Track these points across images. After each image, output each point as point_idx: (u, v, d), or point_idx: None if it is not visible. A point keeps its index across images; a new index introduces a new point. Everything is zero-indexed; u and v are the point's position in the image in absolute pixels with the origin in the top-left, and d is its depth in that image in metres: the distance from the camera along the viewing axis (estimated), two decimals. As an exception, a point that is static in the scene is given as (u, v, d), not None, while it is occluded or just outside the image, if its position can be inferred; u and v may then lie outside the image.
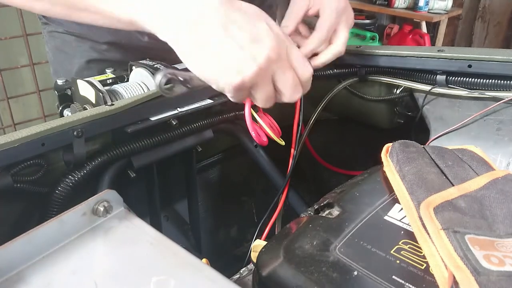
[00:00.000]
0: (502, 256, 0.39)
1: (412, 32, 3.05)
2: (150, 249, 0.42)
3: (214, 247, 0.92)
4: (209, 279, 0.39)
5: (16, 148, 0.50)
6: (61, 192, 0.57)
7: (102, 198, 0.46)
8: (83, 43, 0.88)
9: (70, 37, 0.89)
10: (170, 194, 0.80)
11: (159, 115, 0.64)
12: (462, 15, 3.24)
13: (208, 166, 0.86)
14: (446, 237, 0.41)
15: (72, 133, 0.55)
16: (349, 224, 0.47)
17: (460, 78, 0.71)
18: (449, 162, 0.55)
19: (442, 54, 0.71)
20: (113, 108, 0.58)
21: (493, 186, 0.50)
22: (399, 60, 0.76)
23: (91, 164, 0.59)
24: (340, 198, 0.52)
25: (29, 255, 0.40)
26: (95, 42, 0.87)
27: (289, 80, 0.49)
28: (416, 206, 0.47)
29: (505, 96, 0.67)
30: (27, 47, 1.94)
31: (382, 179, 0.56)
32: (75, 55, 0.89)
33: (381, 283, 0.39)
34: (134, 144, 0.63)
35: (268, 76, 0.48)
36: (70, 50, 0.90)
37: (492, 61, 0.67)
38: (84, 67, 0.88)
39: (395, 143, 0.58)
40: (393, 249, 0.44)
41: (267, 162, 0.80)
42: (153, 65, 0.71)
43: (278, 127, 0.73)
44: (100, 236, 0.44)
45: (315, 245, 0.44)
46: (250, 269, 0.57)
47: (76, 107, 0.68)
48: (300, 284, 0.40)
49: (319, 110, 0.84)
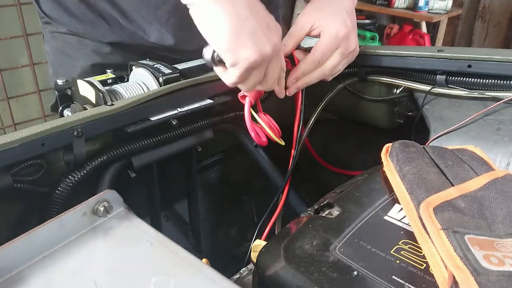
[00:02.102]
0: (501, 256, 0.39)
1: (412, 32, 3.05)
2: (150, 249, 0.43)
3: (214, 247, 0.92)
4: (209, 279, 0.39)
5: (16, 148, 0.50)
6: (61, 192, 0.57)
7: (102, 198, 0.46)
8: (86, 45, 0.88)
9: (72, 38, 0.88)
10: (170, 194, 0.80)
11: (159, 115, 0.64)
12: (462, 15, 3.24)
13: (208, 166, 0.86)
14: (445, 237, 0.41)
15: (72, 133, 0.55)
16: (349, 224, 0.47)
17: (460, 78, 0.71)
18: (449, 162, 0.55)
19: (442, 54, 0.71)
20: (113, 108, 0.58)
21: (493, 186, 0.50)
22: (399, 60, 0.76)
23: (91, 164, 0.59)
24: (340, 198, 0.52)
25: (29, 255, 0.40)
26: (98, 44, 0.87)
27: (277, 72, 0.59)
28: (416, 206, 0.47)
29: (505, 96, 0.67)
30: (27, 47, 1.94)
31: (382, 179, 0.56)
32: (77, 58, 0.89)
33: (381, 283, 0.39)
34: (134, 144, 0.63)
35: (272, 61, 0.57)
36: (72, 53, 0.89)
37: (492, 61, 0.67)
38: (87, 71, 0.88)
39: (395, 143, 0.58)
40: (393, 249, 0.44)
41: (267, 162, 0.80)
42: (153, 65, 0.71)
43: (278, 127, 0.72)
44: (100, 236, 0.44)
45: (315, 245, 0.44)
46: (250, 269, 0.57)
47: (76, 107, 0.68)
48: (300, 284, 0.40)
49: (319, 110, 0.84)
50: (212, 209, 0.89)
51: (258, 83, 0.59)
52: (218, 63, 0.57)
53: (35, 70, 1.99)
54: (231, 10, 0.52)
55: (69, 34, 0.88)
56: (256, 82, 0.58)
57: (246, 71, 0.55)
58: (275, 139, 0.71)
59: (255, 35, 0.53)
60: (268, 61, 0.56)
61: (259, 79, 0.58)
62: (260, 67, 0.56)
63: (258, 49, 0.53)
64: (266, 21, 0.55)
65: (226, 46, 0.53)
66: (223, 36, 0.52)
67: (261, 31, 0.54)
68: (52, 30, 0.90)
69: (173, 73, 0.70)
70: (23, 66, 2.01)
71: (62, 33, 0.89)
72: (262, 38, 0.53)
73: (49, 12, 0.89)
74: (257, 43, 0.53)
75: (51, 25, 0.90)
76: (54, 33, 0.90)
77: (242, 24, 0.52)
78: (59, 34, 0.89)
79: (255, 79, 0.57)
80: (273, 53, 0.55)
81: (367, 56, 0.78)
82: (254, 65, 0.54)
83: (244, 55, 0.53)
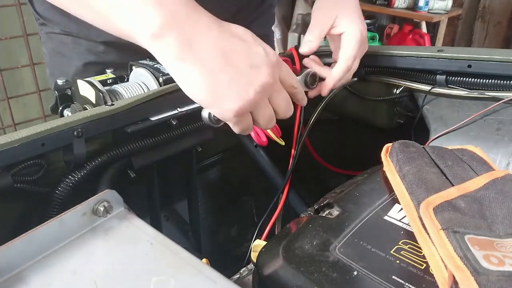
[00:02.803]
0: (501, 256, 0.39)
1: (412, 32, 3.05)
2: (150, 249, 0.42)
3: (214, 247, 0.92)
4: (209, 279, 0.39)
5: (16, 148, 0.50)
6: (61, 192, 0.57)
7: (102, 198, 0.46)
8: (80, 44, 0.87)
9: (67, 38, 0.88)
10: (170, 194, 0.80)
11: (159, 115, 0.64)
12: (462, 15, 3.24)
13: (208, 166, 0.86)
14: (445, 237, 0.41)
15: (72, 133, 0.55)
16: (349, 224, 0.47)
17: (460, 78, 0.71)
18: (449, 162, 0.55)
19: (442, 54, 0.71)
20: (113, 108, 0.58)
21: (493, 186, 0.50)
22: (399, 60, 0.76)
23: (91, 164, 0.59)
24: (340, 198, 0.52)
25: (29, 255, 0.40)
26: (92, 43, 0.86)
27: (284, 101, 0.53)
28: (416, 206, 0.47)
29: (505, 96, 0.67)
30: (27, 47, 1.94)
31: (382, 179, 0.56)
32: (72, 58, 0.89)
33: (381, 283, 0.39)
34: (134, 144, 0.63)
35: (266, 99, 0.51)
36: (67, 53, 0.89)
37: (492, 61, 0.67)
38: (81, 70, 0.88)
39: (395, 143, 0.58)
40: (393, 249, 0.44)
41: (267, 162, 0.80)
42: (153, 65, 0.71)
43: (278, 127, 0.73)
44: (100, 236, 0.44)
45: (315, 245, 0.44)
46: (250, 269, 0.57)
47: (76, 107, 0.68)
48: (300, 284, 0.40)
49: (319, 110, 0.84)
50: (212, 209, 0.89)
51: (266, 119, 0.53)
52: (216, 122, 0.53)
53: (35, 70, 1.99)
54: (200, 66, 0.46)
55: (63, 34, 0.88)
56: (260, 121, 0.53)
57: (238, 120, 0.51)
58: (275, 139, 0.71)
59: (233, 84, 0.47)
60: (262, 97, 0.50)
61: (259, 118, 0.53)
62: (254, 109, 0.51)
63: (239, 96, 0.48)
64: (249, 59, 0.48)
65: (207, 104, 0.49)
66: (201, 95, 0.48)
67: (240, 76, 0.47)
68: (48, 31, 0.91)
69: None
70: (23, 66, 2.01)
71: (57, 33, 0.89)
72: (242, 84, 0.48)
73: (43, 13, 0.89)
74: (238, 91, 0.48)
75: (46, 26, 0.90)
76: (49, 33, 0.90)
77: (216, 78, 0.47)
78: (54, 35, 0.89)
79: (249, 121, 0.52)
80: (262, 91, 0.49)
81: (367, 56, 0.78)
82: (243, 112, 0.49)
83: (227, 107, 0.48)
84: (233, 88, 0.47)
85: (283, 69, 0.52)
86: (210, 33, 0.47)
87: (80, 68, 0.88)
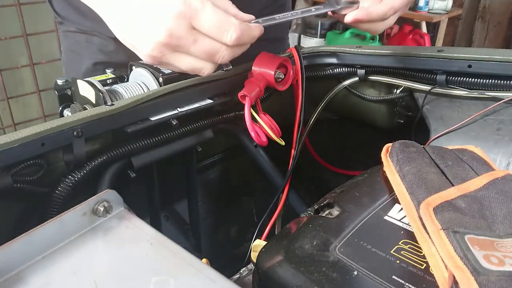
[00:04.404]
0: (502, 256, 0.39)
1: (412, 32, 3.05)
2: (150, 249, 0.42)
3: (214, 247, 0.92)
4: (209, 279, 0.39)
5: (16, 148, 0.50)
6: (61, 192, 0.56)
7: (102, 198, 0.46)
8: (92, 43, 0.88)
9: (81, 36, 0.89)
10: (170, 194, 0.80)
11: (159, 115, 0.64)
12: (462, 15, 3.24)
13: (208, 166, 0.86)
14: (446, 237, 0.41)
15: (72, 133, 0.55)
16: (349, 224, 0.47)
17: (460, 78, 0.71)
18: (449, 162, 0.55)
19: (442, 54, 0.71)
20: (113, 108, 0.58)
21: (493, 186, 0.50)
22: (399, 60, 0.76)
23: (91, 164, 0.59)
24: (340, 198, 0.52)
25: (29, 255, 0.40)
26: (104, 41, 0.87)
27: (205, 48, 0.50)
28: (416, 206, 0.47)
29: (505, 96, 0.67)
30: (27, 47, 1.94)
31: (382, 179, 0.56)
32: (84, 56, 0.89)
33: (381, 283, 0.39)
34: (134, 144, 0.63)
35: (176, 50, 0.51)
36: (80, 51, 0.90)
37: (492, 61, 0.67)
38: (91, 70, 0.88)
39: (395, 143, 0.58)
40: (393, 249, 0.44)
41: (267, 162, 0.80)
42: (153, 65, 0.71)
43: (278, 127, 0.72)
44: (100, 236, 0.44)
45: (315, 245, 0.44)
46: (250, 269, 0.57)
47: (76, 107, 0.68)
48: (300, 284, 0.40)
49: (319, 110, 0.84)
50: (212, 209, 0.89)
51: (186, 69, 0.53)
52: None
53: (35, 70, 2.00)
54: (122, 11, 0.51)
55: (78, 32, 0.89)
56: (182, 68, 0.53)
57: (152, 60, 0.52)
58: (275, 139, 0.71)
59: (144, 24, 0.49)
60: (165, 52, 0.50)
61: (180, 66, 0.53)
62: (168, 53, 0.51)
63: (151, 37, 0.49)
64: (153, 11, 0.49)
65: (129, 44, 0.53)
66: (124, 36, 0.52)
67: (154, 18, 0.48)
68: (64, 29, 0.92)
69: (173, 72, 0.70)
70: (23, 66, 2.01)
71: (73, 31, 0.90)
72: (150, 31, 0.49)
73: (60, 11, 0.90)
74: (149, 36, 0.49)
75: (63, 25, 0.91)
76: (66, 32, 0.91)
77: (129, 23, 0.51)
78: (70, 33, 0.90)
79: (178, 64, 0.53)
80: (163, 45, 0.49)
81: (367, 56, 0.78)
82: (156, 58, 0.51)
83: (141, 51, 0.52)
84: (145, 27, 0.49)
85: (204, 15, 0.48)
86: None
87: (90, 67, 0.88)
